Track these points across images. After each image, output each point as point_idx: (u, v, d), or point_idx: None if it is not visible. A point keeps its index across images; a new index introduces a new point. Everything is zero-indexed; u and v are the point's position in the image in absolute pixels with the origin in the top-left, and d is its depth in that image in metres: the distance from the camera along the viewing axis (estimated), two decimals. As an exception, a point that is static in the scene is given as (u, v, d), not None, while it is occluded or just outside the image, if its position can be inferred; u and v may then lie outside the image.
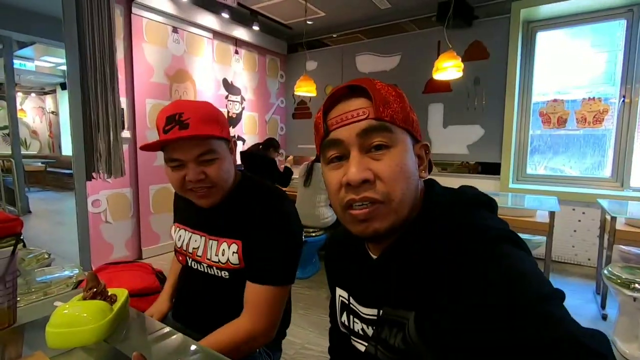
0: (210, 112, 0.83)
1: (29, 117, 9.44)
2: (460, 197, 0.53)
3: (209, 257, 0.91)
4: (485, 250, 0.43)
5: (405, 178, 0.50)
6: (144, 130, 3.19)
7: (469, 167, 3.63)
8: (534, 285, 0.40)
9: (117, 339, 0.71)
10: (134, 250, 3.23)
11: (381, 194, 0.48)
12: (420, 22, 3.78)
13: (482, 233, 0.45)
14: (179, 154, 0.81)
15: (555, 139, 3.40)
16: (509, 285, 0.40)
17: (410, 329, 0.49)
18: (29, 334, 0.75)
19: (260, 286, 0.83)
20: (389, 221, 0.49)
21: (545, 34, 3.37)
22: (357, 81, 0.52)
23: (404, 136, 0.52)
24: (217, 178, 0.83)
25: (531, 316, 0.37)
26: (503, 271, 0.41)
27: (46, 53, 5.59)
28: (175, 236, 1.01)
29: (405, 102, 0.53)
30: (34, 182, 7.92)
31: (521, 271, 0.41)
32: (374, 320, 0.57)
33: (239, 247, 0.86)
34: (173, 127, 0.78)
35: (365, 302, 0.59)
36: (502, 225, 0.49)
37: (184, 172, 0.82)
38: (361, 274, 0.60)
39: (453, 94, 3.62)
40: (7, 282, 0.68)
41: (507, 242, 0.45)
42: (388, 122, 0.50)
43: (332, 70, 4.48)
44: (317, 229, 2.79)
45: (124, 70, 3.01)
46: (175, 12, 3.33)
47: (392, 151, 0.50)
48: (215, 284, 0.91)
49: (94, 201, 2.85)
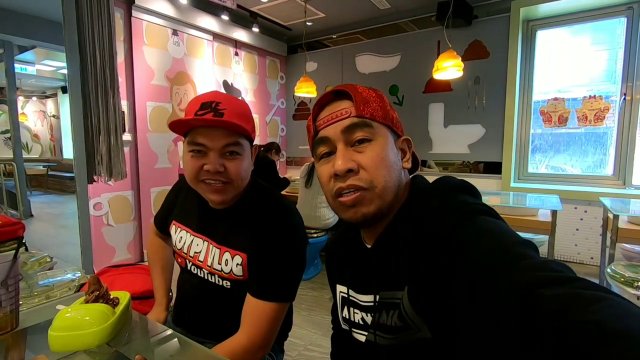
0: (245, 110, 0.85)
1: (31, 121, 9.46)
2: (441, 183, 0.59)
3: (210, 264, 0.89)
4: (462, 220, 0.48)
5: (387, 166, 0.56)
6: (145, 132, 3.19)
7: (471, 167, 3.62)
8: (507, 236, 0.45)
9: (120, 342, 0.71)
10: (135, 252, 3.23)
11: (364, 181, 0.55)
12: (420, 22, 3.78)
13: (460, 207, 0.51)
14: (205, 139, 0.78)
15: (556, 138, 3.39)
16: (483, 238, 0.45)
17: (405, 304, 0.52)
18: (32, 337, 0.75)
19: (261, 301, 0.81)
20: (375, 205, 0.55)
21: (545, 32, 3.37)
22: (340, 86, 0.60)
23: (385, 131, 0.58)
24: (235, 175, 0.81)
25: (506, 257, 0.41)
26: (477, 229, 0.46)
27: (47, 57, 5.61)
28: (176, 237, 0.98)
29: (385, 101, 0.60)
30: (35, 186, 7.95)
31: (494, 229, 0.46)
32: (371, 306, 0.60)
33: (244, 259, 0.85)
34: (207, 113, 0.77)
35: (363, 289, 0.63)
36: (481, 203, 0.54)
37: (203, 160, 0.80)
38: (358, 265, 0.65)
39: (454, 94, 3.62)
40: (9, 286, 0.68)
41: (484, 214, 0.50)
42: (368, 119, 0.56)
43: (332, 71, 4.48)
44: (319, 230, 2.78)
45: (124, 73, 3.01)
46: (175, 14, 3.33)
47: (373, 144, 0.56)
48: (216, 292, 0.90)
49: (96, 204, 2.85)
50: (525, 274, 0.37)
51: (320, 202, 2.76)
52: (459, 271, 0.44)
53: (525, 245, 0.43)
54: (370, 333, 0.60)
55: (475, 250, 0.44)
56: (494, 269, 0.40)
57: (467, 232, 0.47)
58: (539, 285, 0.35)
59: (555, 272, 0.37)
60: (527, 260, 0.40)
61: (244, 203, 0.89)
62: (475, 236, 0.46)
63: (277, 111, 4.83)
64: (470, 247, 0.45)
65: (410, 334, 0.52)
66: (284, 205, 0.88)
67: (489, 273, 0.41)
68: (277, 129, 4.86)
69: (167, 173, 3.40)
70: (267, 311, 0.81)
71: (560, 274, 0.36)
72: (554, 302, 0.32)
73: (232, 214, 0.89)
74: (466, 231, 0.47)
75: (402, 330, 0.53)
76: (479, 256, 0.43)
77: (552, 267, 0.38)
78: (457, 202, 0.53)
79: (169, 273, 1.13)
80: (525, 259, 0.40)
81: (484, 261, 0.42)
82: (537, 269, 0.37)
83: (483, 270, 0.41)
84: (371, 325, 0.59)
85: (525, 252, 0.41)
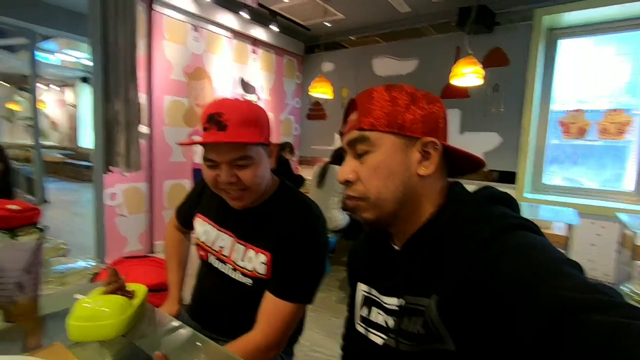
0: (250, 115, 0.82)
1: (50, 109, 9.67)
2: (481, 193, 0.58)
3: (234, 259, 0.90)
4: (499, 232, 0.46)
5: (381, 177, 0.56)
6: (161, 126, 3.23)
7: (484, 174, 3.57)
8: (548, 252, 0.42)
9: (135, 335, 0.71)
10: (146, 244, 3.28)
11: (358, 192, 0.58)
12: (440, 27, 3.75)
13: (498, 219, 0.49)
14: (213, 155, 0.81)
15: (573, 149, 3.33)
16: (522, 254, 0.42)
17: (431, 313, 0.51)
18: (47, 324, 0.76)
19: (280, 300, 0.81)
20: (373, 213, 0.58)
21: (568, 41, 3.30)
22: (358, 95, 0.61)
23: (388, 139, 0.56)
24: (250, 182, 0.83)
25: (546, 275, 0.38)
26: (515, 244, 0.44)
27: (68, 46, 5.71)
28: (200, 229, 0.99)
29: (398, 104, 0.57)
30: (51, 173, 8.11)
31: (534, 245, 0.44)
32: (395, 310, 0.59)
33: (268, 258, 0.85)
34: (211, 128, 0.78)
35: (387, 291, 0.62)
36: (520, 216, 0.51)
37: (217, 172, 0.82)
38: (384, 265, 0.64)
39: (471, 100, 3.58)
40: (32, 273, 0.69)
41: (524, 229, 0.48)
42: (367, 130, 0.57)
43: (348, 72, 4.46)
44: (329, 231, 2.77)
45: (143, 66, 3.06)
46: (196, 10, 3.37)
47: (371, 155, 0.57)
48: (236, 288, 0.90)
49: (111, 194, 2.89)
50: (567, 294, 0.35)
51: (332, 203, 2.75)
52: (493, 287, 0.42)
53: (569, 264, 0.40)
54: (390, 337, 0.59)
55: (512, 265, 0.42)
56: (531, 287, 0.38)
57: (504, 246, 0.44)
58: (582, 309, 0.32)
59: (602, 295, 0.34)
60: (570, 280, 0.37)
61: (271, 203, 0.90)
62: (513, 251, 0.43)
63: (291, 110, 4.84)
64: (506, 262, 0.43)
65: (432, 344, 0.51)
66: (311, 208, 0.89)
67: (525, 291, 0.38)
68: (290, 128, 4.87)
69: (180, 167, 3.44)
70: (285, 311, 0.81)
71: (608, 298, 0.33)
72: (599, 332, 0.30)
73: (258, 213, 0.90)
74: (503, 245, 0.45)
75: (424, 338, 0.52)
76: (516, 272, 0.41)
77: (598, 290, 0.35)
78: (495, 213, 0.51)
79: (184, 268, 1.14)
80: (568, 279, 0.37)
81: (520, 278, 0.40)
82: (581, 291, 0.35)
83: (519, 288, 0.39)
84: (392, 330, 0.58)
85: (568, 271, 0.39)
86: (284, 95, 4.68)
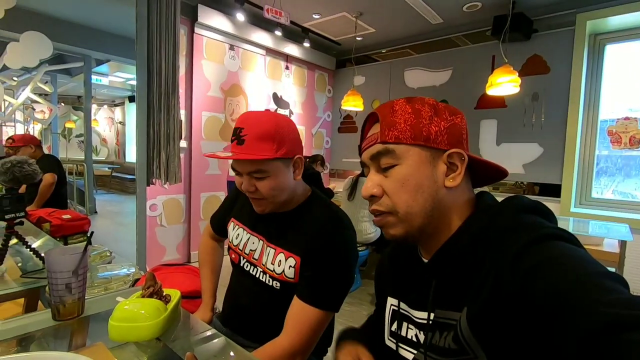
0: (269, 130, 0.83)
1: (101, 127, 10.46)
2: (511, 202, 0.54)
3: (265, 262, 0.93)
4: (533, 243, 0.44)
5: (410, 190, 0.55)
6: (199, 140, 3.39)
7: (524, 188, 3.40)
8: (587, 264, 0.39)
9: (168, 337, 0.74)
10: (184, 253, 3.41)
11: (385, 206, 0.57)
12: (474, 37, 3.68)
13: (532, 229, 0.46)
14: (236, 165, 0.88)
15: (626, 161, 3.09)
16: (558, 265, 0.40)
17: (462, 327, 0.49)
18: (92, 325, 0.81)
19: (308, 306, 0.82)
20: (401, 228, 0.56)
21: (615, 46, 3.11)
22: (378, 108, 0.60)
23: (415, 151, 0.55)
24: (266, 193, 0.86)
25: (585, 289, 0.36)
26: (551, 255, 0.42)
27: (118, 69, 6.21)
28: (233, 233, 1.03)
29: (421, 116, 0.56)
30: (100, 185, 8.71)
31: (572, 256, 0.41)
32: (424, 324, 0.57)
33: (297, 262, 0.87)
34: (234, 141, 0.84)
35: (417, 305, 0.60)
36: (556, 226, 0.48)
37: (241, 179, 0.89)
38: (413, 278, 0.62)
39: (508, 110, 3.45)
40: (79, 275, 0.74)
41: (559, 239, 0.45)
42: (392, 144, 0.56)
43: (380, 85, 4.47)
44: (360, 244, 2.75)
45: (184, 84, 3.24)
46: (233, 31, 3.54)
47: (397, 169, 0.56)
48: (266, 291, 0.92)
49: (152, 205, 3.06)
50: (608, 310, 0.32)
51: (363, 216, 2.73)
52: (529, 300, 0.40)
53: (611, 277, 0.38)
54: (420, 352, 0.57)
55: (549, 278, 0.40)
56: (569, 301, 0.36)
57: (540, 257, 0.42)
58: (625, 327, 0.30)
59: None
60: (613, 294, 0.34)
61: (302, 209, 0.93)
62: (549, 262, 0.41)
63: (323, 124, 4.91)
64: (542, 274, 0.40)
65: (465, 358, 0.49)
66: (342, 218, 0.91)
67: (563, 305, 0.36)
68: (322, 141, 4.93)
69: (216, 179, 3.57)
70: (311, 317, 0.82)
71: None
72: None
73: (290, 218, 0.92)
74: (538, 256, 0.43)
75: (456, 354, 0.50)
76: (553, 285, 0.39)
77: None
78: (528, 223, 0.49)
79: (217, 276, 1.18)
80: (610, 293, 0.35)
81: (557, 291, 0.38)
82: (625, 307, 0.32)
83: (557, 301, 0.37)
84: (422, 345, 0.57)
85: (610, 285, 0.36)
86: (315, 109, 4.76)
